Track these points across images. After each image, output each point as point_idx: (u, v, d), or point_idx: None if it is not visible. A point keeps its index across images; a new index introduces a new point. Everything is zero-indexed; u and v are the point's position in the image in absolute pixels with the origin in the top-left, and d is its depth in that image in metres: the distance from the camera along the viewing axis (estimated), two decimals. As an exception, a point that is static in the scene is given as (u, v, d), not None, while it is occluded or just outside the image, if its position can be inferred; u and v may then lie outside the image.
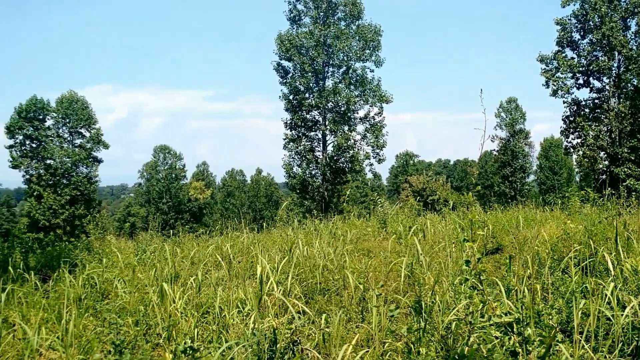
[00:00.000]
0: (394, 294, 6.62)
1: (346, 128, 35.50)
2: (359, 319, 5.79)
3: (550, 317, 4.55)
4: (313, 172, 36.70)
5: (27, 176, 49.67)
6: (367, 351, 4.53)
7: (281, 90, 36.14)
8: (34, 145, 50.04)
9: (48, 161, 49.96)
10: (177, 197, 78.76)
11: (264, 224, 13.68)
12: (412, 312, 4.89)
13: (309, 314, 5.38)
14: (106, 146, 53.36)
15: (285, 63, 35.82)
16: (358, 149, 35.65)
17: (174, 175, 79.76)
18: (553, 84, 34.10)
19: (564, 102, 35.20)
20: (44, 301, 7.33)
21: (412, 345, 4.15)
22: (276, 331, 4.26)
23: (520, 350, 3.61)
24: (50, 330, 6.27)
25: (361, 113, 36.07)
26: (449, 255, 7.61)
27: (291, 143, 36.40)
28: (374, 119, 35.93)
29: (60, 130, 51.77)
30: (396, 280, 6.96)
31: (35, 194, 48.64)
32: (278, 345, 4.32)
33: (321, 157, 36.18)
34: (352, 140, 35.49)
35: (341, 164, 36.15)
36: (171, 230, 14.52)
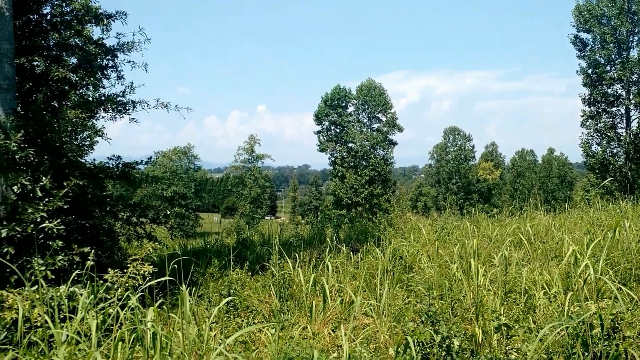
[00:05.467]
0: None
1: (655, 102, 31.00)
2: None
3: None
4: (614, 151, 33.07)
5: (332, 158, 55.63)
6: None
7: (579, 64, 33.24)
8: (337, 131, 55.70)
9: (350, 145, 55.06)
10: (466, 177, 79.10)
11: (563, 204, 12.93)
12: None
13: (634, 300, 4.96)
14: (400, 129, 56.24)
15: (583, 35, 32.87)
16: (671, 125, 30.84)
17: (463, 156, 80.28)
18: None
19: None
20: (355, 271, 8.14)
21: None
22: (602, 316, 4.05)
23: None
24: (363, 297, 6.88)
25: (674, 84, 31.05)
26: None
27: (589, 120, 33.36)
28: (692, 90, 30.56)
29: (360, 116, 56.46)
30: None
31: (339, 174, 54.19)
32: (597, 330, 4.11)
33: (624, 134, 32.32)
34: (664, 116, 30.85)
35: (648, 142, 31.78)
36: (465, 210, 14.70)
